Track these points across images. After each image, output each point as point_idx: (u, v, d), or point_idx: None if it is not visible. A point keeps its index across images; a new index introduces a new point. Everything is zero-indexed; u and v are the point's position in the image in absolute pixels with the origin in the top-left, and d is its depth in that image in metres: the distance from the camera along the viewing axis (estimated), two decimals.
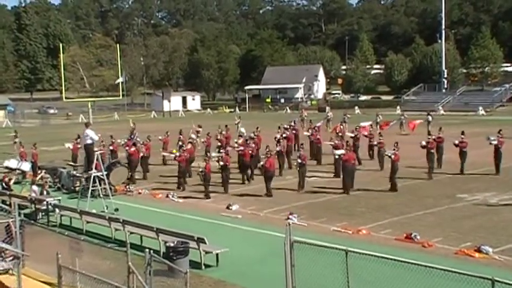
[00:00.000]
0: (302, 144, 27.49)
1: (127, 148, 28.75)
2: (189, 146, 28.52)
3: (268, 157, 23.10)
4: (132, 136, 31.80)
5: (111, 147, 29.74)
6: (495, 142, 25.52)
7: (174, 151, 27.73)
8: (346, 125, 39.18)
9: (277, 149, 27.21)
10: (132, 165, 26.90)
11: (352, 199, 21.22)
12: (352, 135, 30.65)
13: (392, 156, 22.90)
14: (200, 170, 23.09)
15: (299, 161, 22.98)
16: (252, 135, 29.84)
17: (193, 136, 33.17)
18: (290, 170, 26.89)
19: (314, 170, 26.39)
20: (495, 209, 18.88)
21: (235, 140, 29.57)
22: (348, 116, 43.00)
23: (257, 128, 31.82)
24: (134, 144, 28.59)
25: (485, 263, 13.30)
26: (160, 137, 32.84)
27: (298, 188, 22.76)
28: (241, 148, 26.32)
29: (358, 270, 9.73)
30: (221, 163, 23.53)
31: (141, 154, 27.69)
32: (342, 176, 23.35)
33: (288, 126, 32.99)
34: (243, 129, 36.19)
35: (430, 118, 42.14)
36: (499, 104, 71.21)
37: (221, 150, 26.29)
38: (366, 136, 30.41)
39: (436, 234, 15.79)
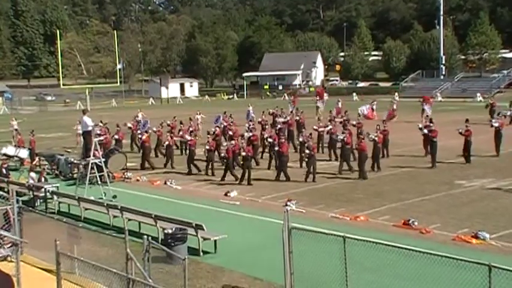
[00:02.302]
0: (310, 134, 25.67)
1: (140, 136, 28.85)
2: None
3: (282, 142, 23.02)
4: (145, 125, 31.61)
5: (116, 136, 29.63)
6: (496, 124, 27.13)
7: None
8: (375, 112, 39.13)
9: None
10: (145, 152, 27.07)
11: (350, 186, 21.26)
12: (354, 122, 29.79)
13: (376, 139, 23.33)
14: (222, 155, 22.93)
15: (307, 151, 22.34)
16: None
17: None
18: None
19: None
20: (493, 195, 18.91)
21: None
22: (375, 102, 42.29)
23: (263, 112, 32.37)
24: (146, 132, 28.81)
25: (483, 249, 13.35)
26: (168, 122, 32.84)
27: (306, 178, 22.04)
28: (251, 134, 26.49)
29: (356, 256, 9.75)
30: (243, 153, 22.58)
31: (166, 142, 26.83)
32: (341, 160, 23.55)
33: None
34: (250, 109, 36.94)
35: (395, 106, 41.16)
36: (497, 90, 71.15)
37: (241, 140, 25.43)
38: (354, 125, 29.99)
39: (434, 221, 15.84)
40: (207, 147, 24.37)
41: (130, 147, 31.57)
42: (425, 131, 24.97)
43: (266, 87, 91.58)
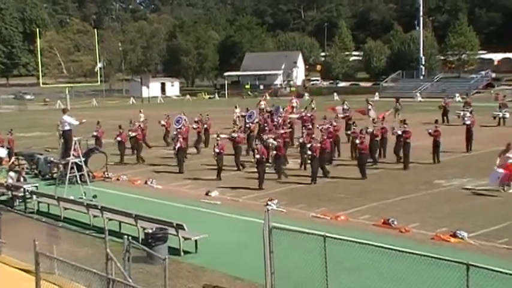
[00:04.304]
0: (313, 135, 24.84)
1: (135, 134, 28.77)
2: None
3: (325, 138, 22.81)
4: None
5: (95, 133, 29.47)
6: (468, 122, 28.02)
7: None
8: (399, 113, 39.20)
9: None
10: (138, 148, 27.94)
11: (332, 185, 21.29)
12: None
13: (400, 132, 24.05)
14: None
15: (309, 152, 21.72)
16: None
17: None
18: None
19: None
20: (471, 194, 19.10)
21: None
22: (399, 104, 42.20)
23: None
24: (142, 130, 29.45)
25: (461, 247, 13.46)
26: (162, 122, 32.75)
27: (312, 182, 21.46)
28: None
29: (337, 255, 9.79)
30: (257, 156, 21.23)
31: (178, 145, 25.16)
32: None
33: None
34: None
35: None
36: (475, 90, 71.93)
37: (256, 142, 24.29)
38: (343, 118, 30.59)
39: (413, 220, 15.94)
40: (217, 150, 22.96)
41: (166, 143, 32.30)
42: (399, 132, 24.57)
43: (247, 86, 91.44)
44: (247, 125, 30.46)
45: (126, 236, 9.75)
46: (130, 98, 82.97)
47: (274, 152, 22.26)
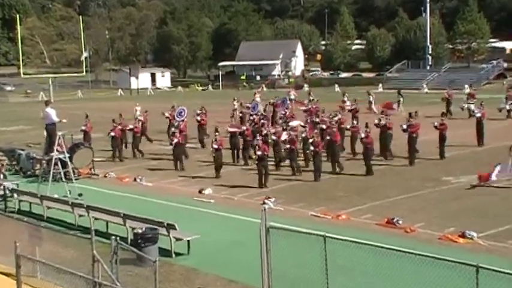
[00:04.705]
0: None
1: (131, 127, 28.87)
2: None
3: (369, 132, 22.72)
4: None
5: (83, 128, 29.38)
6: (479, 115, 27.80)
7: None
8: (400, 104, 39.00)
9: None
10: (135, 141, 28.47)
11: (333, 182, 21.30)
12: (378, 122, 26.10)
13: (436, 125, 24.25)
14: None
15: (312, 148, 21.85)
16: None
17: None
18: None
19: None
20: (480, 192, 19.05)
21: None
22: (401, 95, 41.59)
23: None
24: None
25: (470, 248, 13.47)
26: (166, 114, 32.64)
27: (316, 179, 21.55)
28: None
29: (337, 256, 9.81)
30: (259, 153, 21.10)
31: (175, 140, 24.73)
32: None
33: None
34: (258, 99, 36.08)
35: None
36: (486, 81, 71.94)
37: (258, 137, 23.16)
38: (350, 111, 30.73)
39: (419, 219, 15.89)
40: (215, 146, 22.86)
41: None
42: (404, 126, 24.37)
43: (243, 77, 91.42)
44: (251, 117, 30.30)
45: (113, 237, 9.73)
46: (118, 90, 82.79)
47: (259, 152, 21.24)
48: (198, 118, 31.03)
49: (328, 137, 23.49)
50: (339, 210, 17.18)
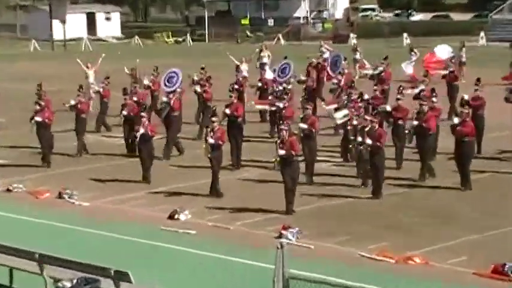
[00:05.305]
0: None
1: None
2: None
3: (466, 116, 16.25)
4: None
5: (38, 118, 20.23)
6: None
7: None
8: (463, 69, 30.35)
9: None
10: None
11: (395, 201, 15.83)
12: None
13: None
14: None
15: (369, 141, 15.62)
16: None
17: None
18: None
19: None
20: None
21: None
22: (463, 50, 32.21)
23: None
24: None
25: None
26: (146, 82, 24.90)
27: (374, 196, 15.82)
28: None
29: None
30: (281, 152, 14.77)
31: (142, 130, 17.30)
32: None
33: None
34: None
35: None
36: None
37: None
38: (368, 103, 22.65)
39: None
40: (212, 140, 16.19)
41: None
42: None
43: (245, 21, 65.37)
44: (282, 86, 22.31)
45: None
46: (31, 42, 58.65)
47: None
48: (198, 88, 22.86)
49: (414, 123, 16.62)
50: (410, 249, 12.67)
